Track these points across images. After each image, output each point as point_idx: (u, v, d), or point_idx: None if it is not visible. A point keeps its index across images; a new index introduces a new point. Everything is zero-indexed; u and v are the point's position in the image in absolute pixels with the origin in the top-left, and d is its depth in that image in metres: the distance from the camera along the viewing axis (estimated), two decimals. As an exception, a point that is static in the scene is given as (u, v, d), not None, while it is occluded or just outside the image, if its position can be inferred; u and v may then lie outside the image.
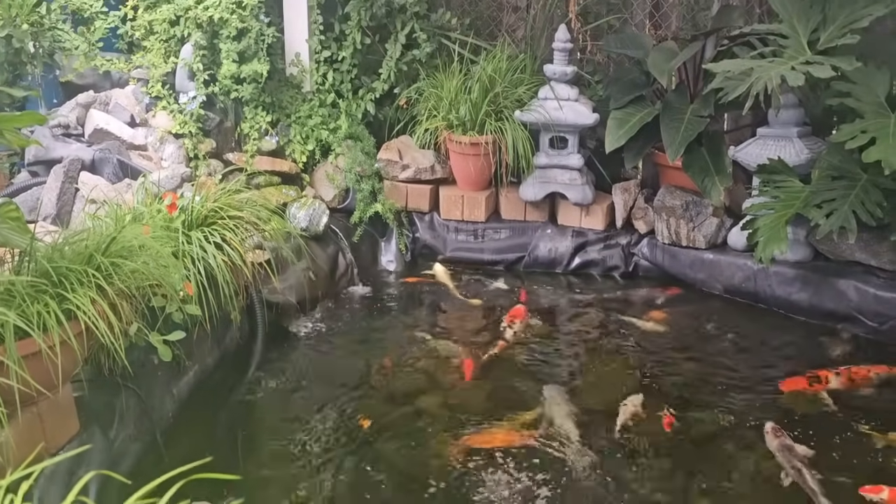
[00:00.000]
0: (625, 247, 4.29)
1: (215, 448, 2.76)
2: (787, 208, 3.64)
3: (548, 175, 4.35)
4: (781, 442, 2.79)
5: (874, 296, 3.57)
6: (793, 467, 2.68)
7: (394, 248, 4.43)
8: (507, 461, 2.69)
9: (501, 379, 3.25)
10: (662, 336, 3.63)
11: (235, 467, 2.66)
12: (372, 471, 2.65)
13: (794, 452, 2.74)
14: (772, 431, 2.85)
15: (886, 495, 2.51)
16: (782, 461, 2.72)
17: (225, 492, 2.39)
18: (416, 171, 4.48)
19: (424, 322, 3.81)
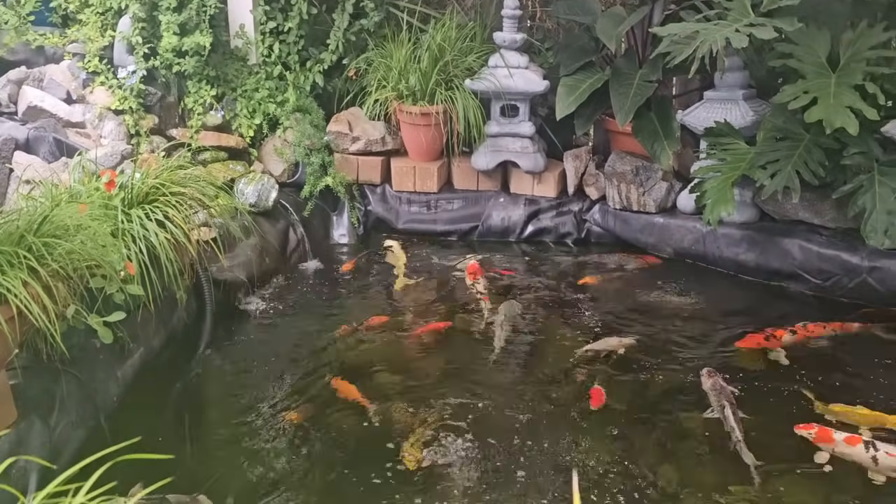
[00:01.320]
0: (577, 213, 4.27)
1: (163, 430, 2.68)
2: (733, 170, 3.64)
3: (499, 144, 4.29)
4: (715, 382, 2.87)
5: (817, 253, 3.61)
6: (719, 405, 2.74)
7: (346, 221, 4.34)
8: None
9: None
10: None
11: (183, 449, 2.59)
12: (322, 448, 2.59)
13: (724, 392, 2.80)
14: (707, 374, 2.92)
15: (816, 432, 2.59)
16: (711, 399, 2.79)
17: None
18: (367, 143, 4.38)
19: (378, 296, 3.73)
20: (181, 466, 2.46)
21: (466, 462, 2.50)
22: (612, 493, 2.36)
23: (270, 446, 2.59)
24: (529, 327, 3.37)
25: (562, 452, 2.55)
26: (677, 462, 2.52)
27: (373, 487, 2.39)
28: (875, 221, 3.40)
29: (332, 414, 2.76)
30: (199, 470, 2.48)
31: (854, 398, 2.80)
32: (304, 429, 2.68)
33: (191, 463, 2.53)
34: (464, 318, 3.44)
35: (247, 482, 2.43)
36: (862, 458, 2.48)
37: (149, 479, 1.83)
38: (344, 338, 3.29)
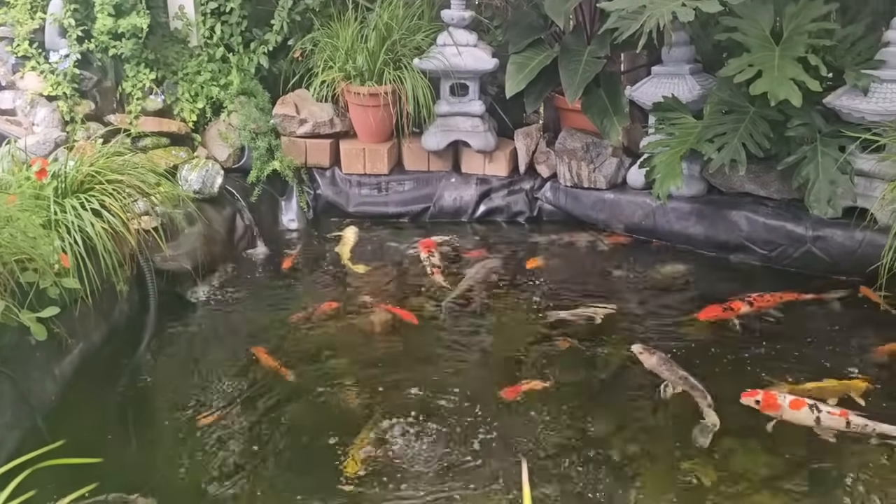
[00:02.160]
0: (528, 192, 4.22)
1: (105, 428, 2.57)
2: (681, 144, 3.64)
3: (450, 123, 4.21)
4: (660, 357, 2.84)
5: (763, 224, 3.63)
6: (679, 377, 2.73)
7: (295, 206, 4.22)
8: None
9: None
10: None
11: (128, 447, 2.49)
12: (271, 442, 2.50)
13: (674, 364, 2.79)
14: (645, 351, 2.89)
15: (762, 398, 2.61)
16: (666, 373, 2.77)
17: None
18: (315, 125, 4.25)
19: (329, 282, 3.63)
20: (123, 465, 2.37)
21: (419, 450, 2.45)
22: (567, 470, 2.34)
23: (218, 442, 2.49)
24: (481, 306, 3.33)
25: (516, 434, 2.52)
26: (632, 435, 2.50)
27: (323, 480, 2.32)
28: (818, 191, 3.43)
29: (282, 406, 2.67)
30: (144, 468, 2.39)
31: (804, 366, 2.83)
32: (253, 422, 2.59)
33: (135, 460, 2.43)
34: (419, 302, 3.37)
35: (193, 479, 2.33)
36: (807, 420, 2.52)
37: (87, 479, 1.74)
38: (297, 325, 3.19)
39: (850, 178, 3.42)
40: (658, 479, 2.32)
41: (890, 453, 2.40)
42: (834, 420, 2.51)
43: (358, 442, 2.46)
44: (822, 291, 3.33)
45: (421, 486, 2.28)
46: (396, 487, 2.28)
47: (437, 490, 2.27)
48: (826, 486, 2.27)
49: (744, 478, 2.31)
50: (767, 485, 2.28)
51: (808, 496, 2.24)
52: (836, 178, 3.42)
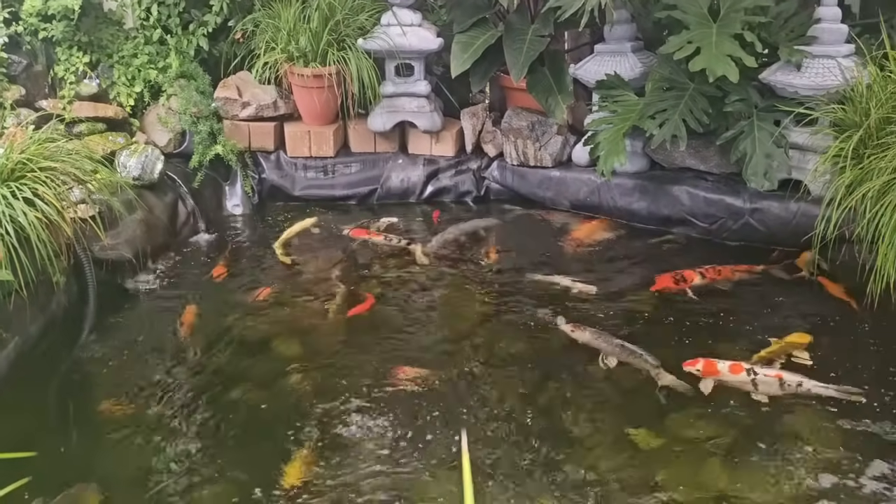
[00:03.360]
0: (476, 171, 4.21)
1: (44, 422, 2.47)
2: (624, 121, 3.66)
3: (395, 104, 4.16)
4: (591, 330, 2.87)
5: (704, 199, 3.69)
6: (617, 346, 2.77)
7: (239, 191, 4.11)
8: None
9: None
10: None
11: (65, 440, 2.40)
12: (215, 432, 2.44)
13: (608, 335, 2.82)
14: (575, 328, 2.90)
15: (702, 366, 2.66)
16: (603, 345, 2.80)
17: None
18: (258, 108, 4.15)
19: (277, 266, 3.56)
20: (60, 458, 2.29)
21: (371, 434, 2.43)
22: (514, 440, 2.35)
23: (161, 432, 2.43)
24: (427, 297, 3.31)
25: (464, 410, 2.52)
26: (578, 408, 2.53)
27: (268, 469, 2.28)
28: (755, 165, 3.50)
29: (227, 394, 2.61)
30: (82, 461, 2.31)
31: (751, 333, 2.90)
32: (196, 412, 2.52)
33: (73, 454, 2.34)
34: (360, 286, 3.32)
35: (134, 471, 2.27)
36: (745, 384, 2.58)
37: (22, 474, 1.66)
38: (252, 306, 3.13)
39: (785, 151, 3.49)
40: (605, 448, 2.35)
41: (823, 410, 2.47)
42: (769, 381, 2.58)
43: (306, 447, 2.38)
44: (761, 262, 3.40)
45: (370, 463, 2.26)
46: (341, 465, 2.26)
47: (387, 465, 2.25)
48: (768, 447, 2.33)
49: (689, 443, 2.36)
50: (712, 449, 2.33)
51: (752, 458, 2.29)
52: (771, 152, 3.49)
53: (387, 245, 3.65)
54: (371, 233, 3.74)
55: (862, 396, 2.52)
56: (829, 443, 2.33)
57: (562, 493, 2.17)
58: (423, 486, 2.19)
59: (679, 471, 2.24)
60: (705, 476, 2.23)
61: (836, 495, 2.14)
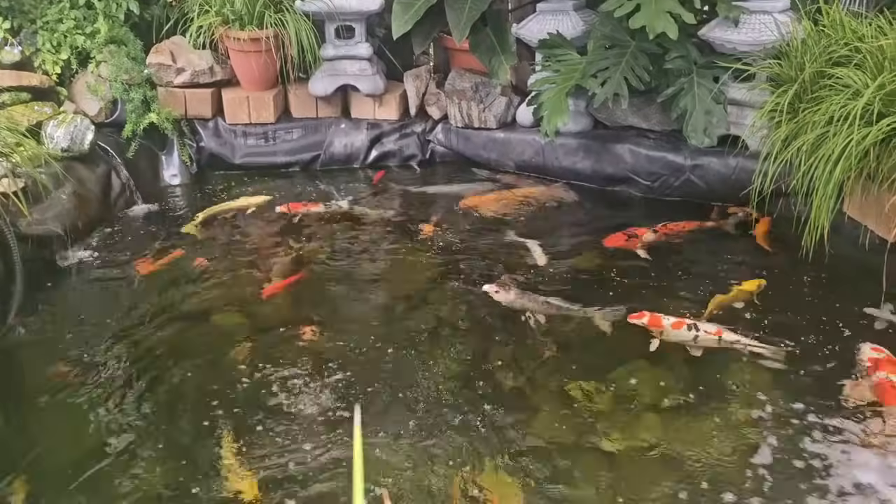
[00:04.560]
0: (420, 134, 4.11)
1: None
2: (567, 81, 3.59)
3: (336, 67, 4.01)
4: (515, 291, 2.85)
5: (646, 156, 3.67)
6: (542, 303, 2.76)
7: (176, 160, 3.94)
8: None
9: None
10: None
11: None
12: (153, 412, 2.34)
13: (533, 294, 2.81)
14: (500, 289, 2.86)
15: (647, 319, 2.68)
16: (528, 304, 2.79)
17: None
18: (193, 74, 3.96)
19: (217, 238, 3.42)
20: None
21: (310, 398, 2.37)
22: (461, 403, 2.32)
23: (94, 414, 2.31)
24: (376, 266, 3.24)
25: (409, 372, 2.48)
26: (519, 368, 2.50)
27: (206, 448, 2.19)
28: (695, 122, 3.48)
29: (165, 372, 2.50)
30: (11, 447, 2.19)
31: (698, 286, 2.92)
32: (133, 392, 2.41)
33: (8, 440, 2.23)
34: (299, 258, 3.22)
35: (72, 455, 2.16)
36: (686, 338, 2.60)
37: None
38: (189, 279, 3.02)
39: (724, 107, 3.48)
40: (546, 405, 2.33)
41: (758, 363, 2.49)
42: (709, 338, 2.60)
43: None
44: (721, 219, 3.41)
45: (305, 438, 2.21)
46: (284, 442, 2.20)
47: (325, 440, 2.20)
48: (704, 399, 2.34)
49: (627, 398, 2.36)
50: (655, 403, 2.33)
51: (688, 410, 2.30)
52: (711, 108, 3.47)
53: (328, 212, 3.54)
54: (307, 204, 3.60)
55: (794, 349, 2.54)
56: (763, 394, 2.35)
57: (505, 452, 2.14)
58: (365, 461, 2.13)
59: (617, 425, 2.24)
60: (643, 429, 2.23)
61: (769, 444, 2.16)
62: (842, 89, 2.93)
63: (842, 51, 3.08)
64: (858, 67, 2.95)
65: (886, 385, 2.32)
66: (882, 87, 2.78)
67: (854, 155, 2.78)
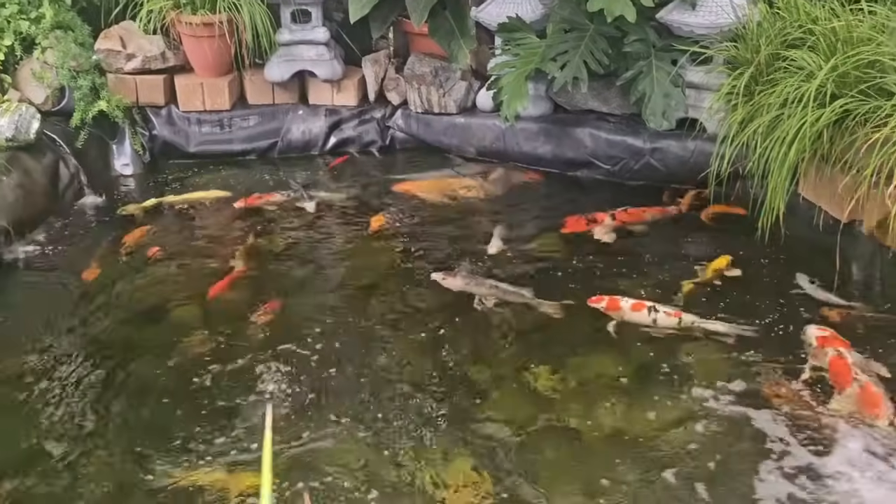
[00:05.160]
0: (380, 120, 4.02)
1: None
2: (526, 65, 3.55)
3: (293, 52, 3.91)
4: (462, 276, 2.83)
5: (606, 140, 3.65)
6: (489, 287, 2.73)
7: (128, 149, 3.80)
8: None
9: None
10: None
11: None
12: (104, 412, 2.26)
13: (480, 277, 2.79)
14: (447, 276, 2.84)
15: (606, 303, 2.66)
16: (476, 289, 2.76)
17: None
18: (144, 60, 3.82)
19: (172, 228, 3.32)
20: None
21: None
22: (420, 393, 2.29)
23: (43, 411, 2.23)
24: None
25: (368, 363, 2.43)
26: (477, 354, 2.47)
27: (161, 441, 2.13)
28: (654, 105, 3.47)
29: (119, 371, 2.42)
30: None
31: (658, 269, 2.92)
32: (82, 392, 2.31)
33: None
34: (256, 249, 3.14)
35: (13, 458, 2.08)
36: (645, 321, 2.59)
37: None
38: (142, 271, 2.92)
39: (682, 90, 3.47)
40: (506, 391, 2.31)
41: (719, 347, 2.50)
42: (668, 319, 2.60)
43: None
44: (664, 202, 3.40)
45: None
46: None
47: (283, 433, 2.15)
48: (667, 384, 2.33)
49: (587, 381, 2.34)
50: (613, 386, 2.32)
51: (651, 394, 2.29)
52: (669, 92, 3.46)
53: (287, 201, 3.46)
54: (265, 196, 3.49)
55: (753, 330, 2.55)
56: (721, 376, 2.36)
57: (466, 441, 2.11)
58: (326, 454, 2.08)
59: (576, 408, 2.23)
60: (601, 412, 2.22)
61: (725, 424, 2.17)
62: (796, 71, 2.93)
63: (796, 33, 3.08)
64: (812, 49, 2.96)
65: (836, 360, 2.34)
66: (835, 68, 2.80)
67: (808, 137, 2.79)
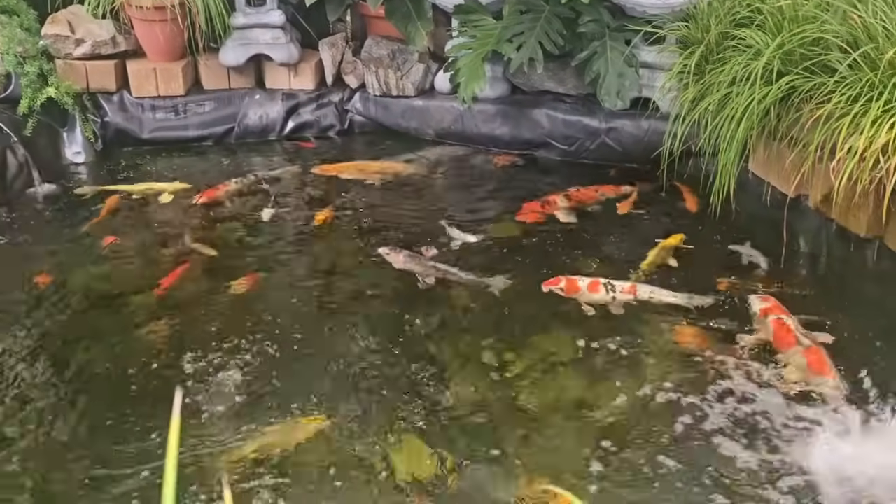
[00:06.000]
0: (338, 104, 3.96)
1: None
2: (483, 46, 3.53)
3: (248, 36, 3.82)
4: (405, 254, 2.83)
5: (562, 120, 3.66)
6: (430, 267, 2.75)
7: (79, 137, 3.68)
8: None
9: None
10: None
11: None
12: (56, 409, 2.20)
13: (422, 257, 2.80)
14: (391, 252, 2.85)
15: (564, 285, 2.67)
16: (416, 268, 2.77)
17: None
18: (94, 45, 3.70)
19: (125, 216, 3.24)
20: None
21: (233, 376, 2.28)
22: (376, 374, 2.28)
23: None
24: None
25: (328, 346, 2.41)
26: (437, 334, 2.47)
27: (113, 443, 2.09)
28: (608, 85, 3.48)
29: (70, 357, 2.37)
30: None
31: (614, 249, 2.94)
32: (33, 388, 2.25)
33: None
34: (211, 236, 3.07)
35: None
36: (604, 299, 2.62)
37: None
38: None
39: (636, 70, 3.49)
40: (465, 369, 2.31)
41: (670, 319, 2.53)
42: (625, 295, 2.62)
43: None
44: (618, 181, 3.42)
45: (226, 421, 2.12)
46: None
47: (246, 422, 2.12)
48: (623, 358, 2.36)
49: (545, 358, 2.36)
50: (572, 365, 2.33)
51: (605, 367, 2.32)
52: (623, 72, 3.47)
53: (246, 186, 3.40)
54: (220, 186, 3.38)
55: (707, 300, 2.59)
56: (675, 347, 2.39)
57: (421, 417, 2.11)
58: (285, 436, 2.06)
59: (535, 385, 2.24)
60: (558, 390, 2.23)
61: (682, 394, 2.20)
62: (744, 49, 2.97)
63: (744, 12, 3.12)
64: (760, 28, 3.00)
65: (778, 325, 2.39)
66: (781, 46, 2.83)
67: (756, 114, 2.83)
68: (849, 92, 2.55)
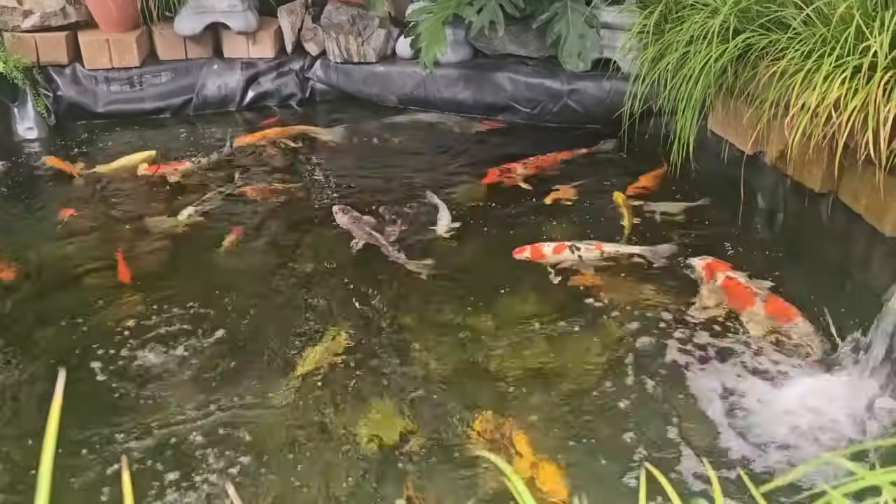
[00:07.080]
0: (298, 72, 3.88)
1: None
2: (443, 10, 3.47)
3: (204, 4, 3.70)
4: (351, 215, 2.87)
5: (525, 83, 3.62)
6: (364, 232, 2.77)
7: (31, 112, 3.57)
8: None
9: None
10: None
11: None
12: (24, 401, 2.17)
13: (363, 221, 2.83)
14: (339, 211, 2.89)
15: (529, 252, 2.68)
16: (354, 229, 2.80)
17: None
18: (43, 16, 3.57)
19: (84, 189, 3.16)
20: None
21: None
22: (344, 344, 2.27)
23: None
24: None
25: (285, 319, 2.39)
26: (407, 306, 2.47)
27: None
28: (570, 46, 3.45)
29: (28, 336, 2.32)
30: None
31: (580, 212, 2.95)
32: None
33: None
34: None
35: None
36: (570, 260, 2.63)
37: None
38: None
39: (597, 31, 3.45)
40: (433, 338, 2.31)
41: (634, 276, 2.55)
42: (592, 253, 2.64)
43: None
44: (585, 144, 3.41)
45: (195, 396, 2.10)
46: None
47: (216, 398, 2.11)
48: (591, 315, 2.38)
49: (517, 324, 2.36)
50: (541, 327, 2.34)
51: (572, 329, 2.33)
52: (584, 33, 3.44)
53: (208, 163, 3.33)
54: (175, 164, 3.27)
55: (668, 259, 2.62)
56: (638, 304, 2.41)
57: (395, 389, 2.11)
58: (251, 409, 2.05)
59: (502, 349, 2.25)
60: (526, 351, 2.24)
61: (645, 352, 2.23)
62: (702, 8, 2.94)
63: (702, -31, 3.08)
64: (717, -15, 2.97)
65: (729, 282, 2.43)
66: (737, 3, 2.81)
67: (713, 72, 2.81)
68: (802, 48, 2.54)
